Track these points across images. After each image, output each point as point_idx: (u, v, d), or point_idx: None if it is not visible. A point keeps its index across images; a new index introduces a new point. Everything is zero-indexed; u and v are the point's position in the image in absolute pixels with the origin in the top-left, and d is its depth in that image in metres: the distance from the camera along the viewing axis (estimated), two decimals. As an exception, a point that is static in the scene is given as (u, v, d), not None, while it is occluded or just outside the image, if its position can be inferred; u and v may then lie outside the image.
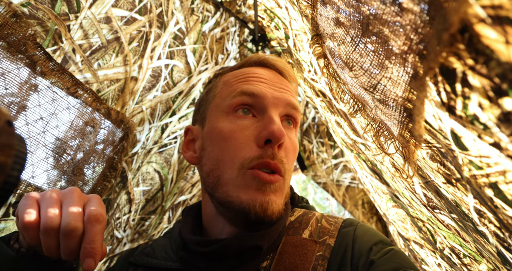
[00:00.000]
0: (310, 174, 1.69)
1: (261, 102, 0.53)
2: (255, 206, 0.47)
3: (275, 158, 0.49)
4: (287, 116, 0.56)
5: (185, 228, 0.57)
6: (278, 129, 0.49)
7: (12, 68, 0.67)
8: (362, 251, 0.49)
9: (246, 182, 0.49)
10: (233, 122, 0.53)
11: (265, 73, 0.58)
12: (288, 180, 0.54)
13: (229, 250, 0.49)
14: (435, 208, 0.61)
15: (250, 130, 0.51)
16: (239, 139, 0.51)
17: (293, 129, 0.57)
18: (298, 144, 0.57)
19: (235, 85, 0.56)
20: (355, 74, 0.50)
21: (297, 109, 0.56)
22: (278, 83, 0.57)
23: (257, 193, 0.48)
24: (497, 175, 0.32)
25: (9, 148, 0.31)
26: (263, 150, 0.50)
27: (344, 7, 0.47)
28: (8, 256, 0.41)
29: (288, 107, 0.55)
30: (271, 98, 0.53)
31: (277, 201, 0.50)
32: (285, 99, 0.55)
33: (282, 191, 0.51)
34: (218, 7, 1.19)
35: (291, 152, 0.54)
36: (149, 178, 1.13)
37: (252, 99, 0.53)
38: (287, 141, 0.54)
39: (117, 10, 0.85)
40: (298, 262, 0.48)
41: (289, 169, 0.53)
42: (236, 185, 0.49)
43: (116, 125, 0.93)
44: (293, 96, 0.58)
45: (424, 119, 0.38)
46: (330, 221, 0.55)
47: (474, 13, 0.25)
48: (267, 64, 0.60)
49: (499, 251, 0.43)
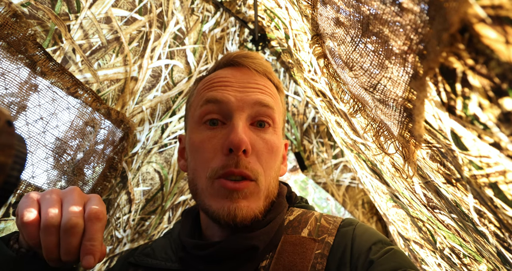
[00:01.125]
0: (310, 174, 1.69)
1: (225, 108, 0.53)
2: (223, 214, 0.48)
3: (239, 166, 0.49)
4: (258, 117, 0.54)
5: (184, 231, 0.57)
6: (237, 139, 0.48)
7: (12, 68, 0.67)
8: (361, 250, 0.49)
9: (215, 191, 0.50)
10: (203, 133, 0.53)
11: (232, 74, 0.56)
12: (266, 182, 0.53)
13: (225, 253, 0.49)
14: (435, 208, 0.61)
15: (217, 139, 0.52)
16: (207, 149, 0.52)
17: (268, 129, 0.55)
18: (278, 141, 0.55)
19: (202, 93, 0.56)
20: (355, 74, 0.50)
21: (268, 106, 0.54)
22: (245, 83, 0.55)
23: (225, 201, 0.49)
24: (497, 175, 0.32)
25: (9, 148, 0.31)
26: (228, 159, 0.50)
27: (344, 7, 0.47)
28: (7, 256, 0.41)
29: (257, 106, 0.53)
30: (235, 102, 0.52)
31: (251, 205, 0.50)
32: (251, 100, 0.53)
33: (257, 194, 0.51)
34: (218, 7, 1.19)
35: (265, 153, 0.53)
36: (149, 178, 1.13)
37: (217, 106, 0.53)
38: (259, 143, 0.53)
39: (117, 10, 0.85)
40: (297, 261, 0.49)
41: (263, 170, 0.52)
42: (208, 194, 0.51)
43: (116, 125, 0.93)
44: (264, 92, 0.55)
45: (424, 119, 0.38)
46: (329, 220, 0.56)
47: (474, 13, 0.25)
48: (236, 63, 0.58)
49: (499, 251, 0.43)
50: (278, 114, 0.57)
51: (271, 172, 0.54)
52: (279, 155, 0.56)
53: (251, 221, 0.50)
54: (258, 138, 0.53)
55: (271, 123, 0.55)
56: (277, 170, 0.56)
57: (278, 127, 0.57)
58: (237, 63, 0.58)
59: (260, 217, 0.51)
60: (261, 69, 0.58)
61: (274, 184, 0.55)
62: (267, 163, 0.53)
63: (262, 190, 0.52)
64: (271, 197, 0.55)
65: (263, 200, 0.52)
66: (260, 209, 0.51)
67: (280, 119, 0.58)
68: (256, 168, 0.51)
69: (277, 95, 0.59)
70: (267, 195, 0.53)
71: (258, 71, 0.58)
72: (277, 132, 0.56)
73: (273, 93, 0.57)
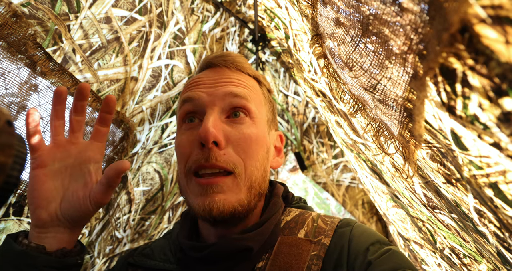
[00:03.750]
0: (310, 174, 1.69)
1: (199, 105, 0.54)
2: (199, 210, 0.49)
3: (209, 159, 0.49)
4: (231, 108, 0.54)
5: (182, 232, 0.57)
6: (204, 131, 0.49)
7: (12, 68, 0.67)
8: (358, 251, 0.49)
9: (192, 189, 0.51)
10: (183, 133, 0.55)
11: (206, 74, 0.58)
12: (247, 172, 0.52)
13: (220, 254, 0.50)
14: (435, 208, 0.61)
15: (193, 136, 0.53)
16: (185, 146, 0.53)
17: (245, 119, 0.54)
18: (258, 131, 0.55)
19: (181, 96, 0.58)
20: (355, 74, 0.50)
21: (239, 96, 0.54)
22: (216, 79, 0.56)
23: (200, 197, 0.50)
24: (497, 175, 0.32)
25: (9, 148, 0.31)
26: (200, 153, 0.50)
27: (344, 7, 0.47)
28: (17, 250, 0.44)
29: (228, 98, 0.53)
30: (206, 97, 0.53)
31: (228, 198, 0.49)
32: (221, 92, 0.54)
33: (237, 186, 0.51)
34: (218, 7, 1.19)
35: (241, 143, 0.52)
36: (149, 178, 1.13)
37: (192, 105, 0.54)
38: (234, 134, 0.52)
39: (117, 10, 0.85)
40: (292, 262, 0.49)
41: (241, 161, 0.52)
42: (189, 192, 0.52)
43: (116, 126, 0.93)
44: (236, 84, 0.55)
45: (424, 119, 0.38)
46: (326, 221, 0.55)
47: (474, 13, 0.25)
48: (209, 64, 0.60)
49: (499, 251, 0.43)
50: (255, 105, 0.56)
51: (252, 162, 0.53)
52: (262, 145, 0.55)
53: (230, 214, 0.49)
54: (233, 129, 0.53)
55: (247, 113, 0.55)
56: (262, 161, 0.55)
57: (258, 118, 0.56)
58: (212, 64, 0.59)
59: (241, 210, 0.50)
60: (233, 65, 0.58)
61: (260, 175, 0.54)
62: (246, 153, 0.52)
63: (243, 181, 0.51)
64: (257, 188, 0.53)
65: (245, 192, 0.51)
66: (241, 202, 0.50)
67: (261, 110, 0.58)
68: (231, 159, 0.51)
69: (255, 87, 0.59)
70: (250, 185, 0.52)
71: (229, 67, 0.58)
72: (257, 122, 0.55)
73: (248, 85, 0.57)
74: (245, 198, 0.51)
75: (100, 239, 1.00)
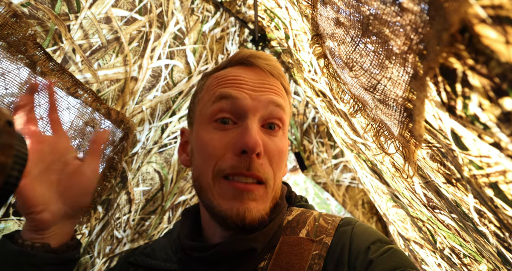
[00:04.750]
0: (310, 174, 1.69)
1: (240, 106, 0.52)
2: (232, 214, 0.48)
3: (251, 169, 0.49)
4: (270, 118, 0.54)
5: (183, 231, 0.57)
6: (252, 141, 0.48)
7: (12, 68, 0.67)
8: (359, 250, 0.49)
9: (223, 191, 0.50)
10: (213, 131, 0.53)
11: (247, 73, 0.56)
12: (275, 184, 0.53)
13: (223, 255, 0.50)
14: (435, 208, 0.61)
15: (228, 139, 0.51)
16: (217, 148, 0.51)
17: (278, 131, 0.55)
18: (286, 143, 0.56)
19: (214, 89, 0.55)
20: (355, 74, 0.50)
21: (281, 107, 0.54)
22: (259, 83, 0.54)
23: (234, 202, 0.49)
24: (497, 175, 0.32)
25: (9, 148, 0.31)
26: (239, 160, 0.49)
27: (344, 7, 0.47)
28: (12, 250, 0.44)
29: (271, 106, 0.53)
30: (249, 100, 0.52)
31: (258, 207, 0.50)
32: (265, 99, 0.53)
33: (265, 197, 0.52)
34: (218, 7, 1.19)
35: (275, 155, 0.53)
36: (149, 178, 1.13)
37: (230, 103, 0.52)
38: (270, 146, 0.52)
39: (117, 10, 0.85)
40: (294, 262, 0.49)
41: (273, 174, 0.52)
42: (215, 193, 0.51)
43: (116, 126, 0.93)
44: (277, 93, 0.55)
45: (424, 119, 0.38)
46: (327, 220, 0.55)
47: (474, 13, 0.25)
48: (249, 63, 0.57)
49: (499, 251, 0.43)
50: (287, 117, 0.57)
51: (279, 174, 0.54)
52: (286, 156, 0.57)
53: (259, 222, 0.50)
54: (270, 141, 0.53)
55: (281, 126, 0.55)
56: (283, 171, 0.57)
57: (286, 130, 0.58)
58: (251, 63, 0.57)
59: (266, 218, 0.51)
60: (276, 72, 0.57)
61: (280, 185, 0.56)
62: (277, 166, 0.53)
63: (271, 192, 0.52)
64: (277, 197, 0.55)
65: (270, 202, 0.53)
66: (267, 211, 0.52)
67: (287, 121, 0.59)
68: (267, 171, 0.51)
69: (287, 98, 0.60)
70: (274, 196, 0.54)
71: (273, 74, 0.57)
72: (285, 134, 0.57)
73: (284, 96, 0.57)
74: (269, 207, 0.52)
75: (100, 239, 1.00)
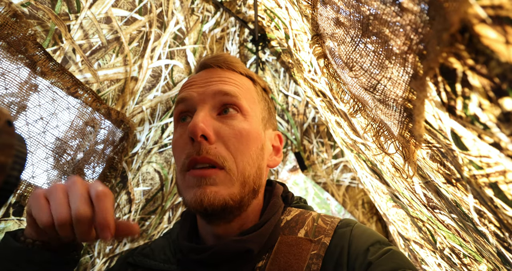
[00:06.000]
0: (310, 174, 1.69)
1: (190, 105, 0.55)
2: (191, 201, 0.49)
3: (200, 152, 0.50)
4: (222, 105, 0.55)
5: (181, 233, 0.57)
6: (192, 126, 0.50)
7: (12, 68, 0.67)
8: (358, 252, 0.49)
9: (186, 182, 0.52)
10: (177, 132, 0.57)
11: (200, 75, 0.59)
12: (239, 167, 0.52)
13: (220, 257, 0.50)
14: (435, 208, 0.61)
15: (186, 134, 0.53)
16: (180, 145, 0.54)
17: (236, 115, 0.55)
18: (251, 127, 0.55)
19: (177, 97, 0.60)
20: (355, 74, 0.50)
21: (229, 94, 0.55)
22: (208, 78, 0.57)
23: (193, 189, 0.50)
24: (497, 175, 0.32)
25: (9, 148, 0.31)
26: (191, 147, 0.51)
27: (344, 7, 0.47)
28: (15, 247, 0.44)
29: (218, 96, 0.55)
30: (197, 96, 0.55)
31: (220, 191, 0.50)
32: (211, 91, 0.55)
33: (229, 181, 0.51)
34: (218, 7, 1.19)
35: (232, 138, 0.53)
36: (149, 178, 1.13)
37: (184, 105, 0.56)
38: (224, 129, 0.53)
39: (117, 10, 0.85)
40: (292, 261, 0.49)
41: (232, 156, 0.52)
42: (183, 188, 0.53)
43: (116, 125, 0.93)
44: (225, 82, 0.56)
45: (424, 119, 0.38)
46: (326, 220, 0.55)
47: (474, 13, 0.25)
48: (204, 65, 0.61)
49: (499, 251, 0.43)
50: (247, 102, 0.57)
51: (244, 157, 0.53)
52: (254, 141, 0.55)
53: (221, 207, 0.49)
54: (224, 125, 0.53)
55: (238, 110, 0.55)
56: (254, 157, 0.55)
57: (251, 115, 0.56)
58: (205, 65, 0.61)
59: (233, 203, 0.50)
60: (224, 64, 0.60)
61: (254, 171, 0.54)
62: (236, 148, 0.53)
63: (235, 176, 0.51)
64: (251, 184, 0.53)
65: (238, 187, 0.51)
66: (233, 196, 0.50)
67: (253, 107, 0.58)
68: (222, 154, 0.51)
69: (248, 85, 0.60)
70: (244, 181, 0.52)
71: (222, 67, 0.60)
72: (249, 119, 0.56)
73: (238, 83, 0.58)
74: (237, 193, 0.51)
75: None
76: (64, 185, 0.43)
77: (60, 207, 0.40)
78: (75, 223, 0.39)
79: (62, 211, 0.39)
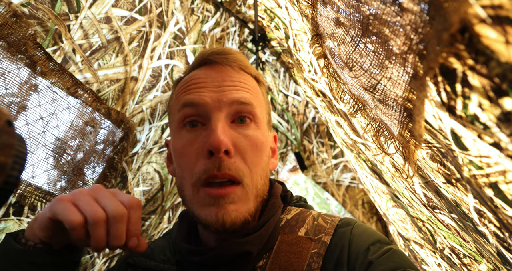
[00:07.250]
0: (310, 174, 1.69)
1: (203, 110, 0.51)
2: (211, 221, 0.48)
3: (221, 168, 0.48)
4: (237, 114, 0.53)
5: (180, 235, 0.57)
6: (216, 141, 0.47)
7: (12, 68, 0.67)
8: (359, 251, 0.49)
9: (201, 200, 0.49)
10: (184, 137, 0.52)
11: (208, 73, 0.55)
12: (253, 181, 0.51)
13: (219, 259, 0.49)
14: (435, 208, 0.61)
15: (198, 143, 0.51)
16: (190, 154, 0.51)
17: (250, 125, 0.53)
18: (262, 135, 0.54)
19: (179, 96, 0.55)
20: (355, 74, 0.50)
21: (247, 103, 0.52)
22: (220, 82, 0.53)
23: (211, 208, 0.48)
24: (497, 175, 0.32)
25: (9, 148, 0.31)
26: (210, 162, 0.49)
27: (344, 7, 0.47)
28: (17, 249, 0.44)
29: (235, 105, 0.52)
30: (211, 103, 0.51)
31: (239, 209, 0.49)
32: (228, 99, 0.51)
33: (245, 196, 0.50)
34: (218, 7, 1.19)
35: (249, 150, 0.51)
36: (149, 178, 1.13)
37: (195, 109, 0.52)
38: (241, 141, 0.51)
39: (117, 10, 0.85)
40: (293, 260, 0.49)
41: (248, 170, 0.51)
42: (195, 202, 0.51)
43: (116, 125, 0.93)
44: (240, 89, 0.54)
45: (424, 119, 0.38)
46: (326, 219, 0.55)
47: (474, 13, 0.25)
48: (209, 61, 0.56)
49: (499, 251, 0.43)
50: (259, 109, 0.55)
51: (257, 170, 0.52)
52: (265, 150, 0.55)
53: (242, 224, 0.49)
54: (240, 135, 0.52)
55: (252, 119, 0.54)
56: (264, 166, 0.54)
57: (261, 122, 0.55)
58: (211, 61, 0.56)
59: (251, 219, 0.50)
60: (236, 64, 0.56)
61: (263, 181, 0.54)
62: (252, 161, 0.52)
63: (250, 190, 0.51)
64: (261, 195, 0.53)
65: (253, 201, 0.51)
66: (251, 211, 0.50)
67: (262, 113, 0.57)
68: (241, 168, 0.50)
69: (257, 88, 0.58)
70: (257, 194, 0.52)
71: (232, 66, 0.56)
72: (260, 127, 0.55)
73: (251, 88, 0.56)
74: (253, 207, 0.51)
75: (100, 239, 1.00)
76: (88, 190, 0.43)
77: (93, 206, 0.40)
78: (112, 222, 0.40)
79: (97, 210, 0.40)
